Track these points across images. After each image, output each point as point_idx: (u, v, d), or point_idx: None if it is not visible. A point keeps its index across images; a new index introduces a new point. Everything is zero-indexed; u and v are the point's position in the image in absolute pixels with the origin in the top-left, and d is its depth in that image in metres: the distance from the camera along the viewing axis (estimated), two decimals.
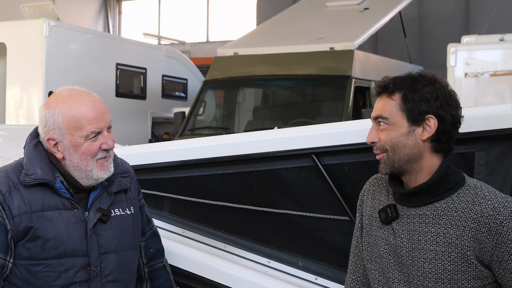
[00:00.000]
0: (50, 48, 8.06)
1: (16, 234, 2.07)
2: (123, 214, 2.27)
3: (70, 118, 2.11)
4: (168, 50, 11.05)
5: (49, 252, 2.09)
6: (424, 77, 1.99)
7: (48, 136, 2.14)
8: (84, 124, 2.12)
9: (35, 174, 2.10)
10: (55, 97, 2.18)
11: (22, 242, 2.08)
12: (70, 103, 2.13)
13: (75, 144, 2.12)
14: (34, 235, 2.08)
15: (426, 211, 1.98)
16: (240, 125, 8.28)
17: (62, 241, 2.10)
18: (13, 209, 2.07)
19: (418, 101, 1.94)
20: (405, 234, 1.99)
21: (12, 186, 2.10)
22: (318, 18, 9.29)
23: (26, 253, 2.09)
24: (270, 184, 2.75)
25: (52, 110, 2.13)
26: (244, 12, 18.46)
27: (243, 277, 2.68)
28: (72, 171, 2.15)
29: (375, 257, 2.09)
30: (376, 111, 2.01)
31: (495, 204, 1.90)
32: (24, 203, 2.08)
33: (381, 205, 2.09)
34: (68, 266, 2.12)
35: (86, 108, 2.13)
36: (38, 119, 2.20)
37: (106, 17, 20.71)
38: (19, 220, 2.07)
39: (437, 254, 1.93)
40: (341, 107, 7.38)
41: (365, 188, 2.22)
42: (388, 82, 2.00)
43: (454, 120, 1.96)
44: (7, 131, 4.24)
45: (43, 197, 2.11)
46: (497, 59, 7.79)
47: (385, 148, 1.98)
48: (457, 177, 1.98)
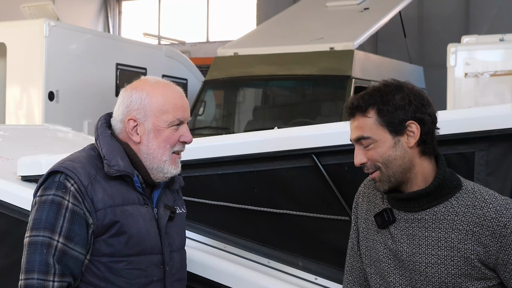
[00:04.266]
0: (50, 48, 8.05)
1: (99, 229, 1.99)
2: (181, 212, 2.27)
3: (159, 100, 2.07)
4: (168, 50, 11.05)
5: (132, 248, 2.02)
6: (389, 86, 1.97)
7: (130, 116, 2.07)
8: (171, 109, 2.07)
9: (118, 165, 2.02)
10: (141, 82, 2.13)
11: (104, 238, 2.00)
12: (159, 88, 2.10)
13: (158, 128, 2.07)
14: (119, 230, 2.00)
15: (424, 216, 1.96)
16: (240, 125, 8.28)
17: (143, 238, 2.04)
18: (97, 202, 1.98)
19: (393, 111, 1.92)
20: (404, 239, 1.98)
21: (93, 178, 2.00)
22: (318, 18, 9.29)
23: (108, 249, 2.00)
24: (270, 184, 2.75)
25: (140, 91, 2.08)
26: (244, 12, 18.45)
27: (243, 277, 2.68)
28: (145, 159, 2.08)
29: (374, 261, 2.08)
30: (355, 132, 1.98)
31: (497, 207, 1.89)
32: (108, 196, 2.00)
33: (377, 208, 2.08)
34: (147, 264, 2.07)
35: (175, 95, 2.11)
36: (118, 102, 2.11)
37: (106, 17, 20.70)
38: (104, 213, 1.98)
39: (440, 259, 1.92)
40: (341, 107, 7.36)
41: (359, 190, 2.21)
42: (358, 101, 1.97)
43: (432, 118, 1.96)
44: (7, 131, 4.24)
45: (122, 191, 2.04)
46: (497, 59, 7.78)
47: (377, 165, 1.96)
48: (453, 180, 1.98)
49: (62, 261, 1.94)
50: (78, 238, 1.96)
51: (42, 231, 1.94)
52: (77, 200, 1.97)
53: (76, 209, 1.97)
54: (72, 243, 1.95)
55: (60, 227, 1.94)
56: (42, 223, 1.95)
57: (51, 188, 1.99)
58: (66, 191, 1.97)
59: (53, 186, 1.99)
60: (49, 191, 1.99)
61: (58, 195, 1.97)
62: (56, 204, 1.96)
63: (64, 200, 1.96)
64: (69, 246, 1.95)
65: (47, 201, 1.97)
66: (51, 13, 9.14)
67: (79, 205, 1.97)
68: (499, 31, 9.21)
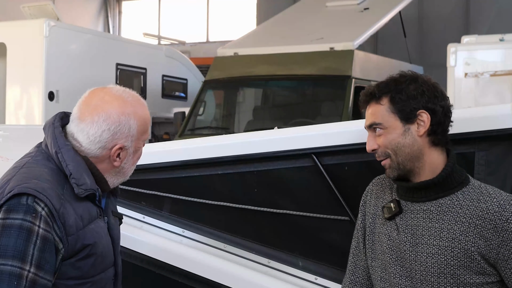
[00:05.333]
0: (50, 48, 8.06)
1: (69, 253, 1.84)
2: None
3: (141, 122, 1.96)
4: (168, 50, 11.06)
5: (96, 269, 1.92)
6: (405, 76, 2.04)
7: (120, 144, 1.92)
8: (148, 128, 2.00)
9: (86, 184, 1.88)
10: (120, 100, 1.94)
11: (72, 261, 1.85)
12: (139, 107, 1.97)
13: (137, 149, 1.99)
14: (88, 253, 1.88)
15: (430, 207, 1.99)
16: (240, 125, 8.28)
17: (105, 255, 1.95)
18: (69, 227, 1.81)
19: (406, 99, 1.98)
20: (408, 229, 2.01)
21: (62, 199, 1.83)
22: (318, 18, 9.28)
23: (74, 272, 1.86)
24: (270, 184, 2.75)
25: (127, 116, 1.92)
26: (244, 12, 18.46)
27: (243, 277, 2.68)
28: (111, 176, 1.98)
29: (378, 254, 2.10)
30: (369, 119, 2.06)
31: (500, 202, 1.92)
32: (78, 218, 1.85)
33: (385, 201, 2.11)
34: (106, 280, 1.98)
35: (147, 110, 2.01)
36: (96, 125, 1.91)
37: (106, 17, 20.71)
38: (76, 238, 1.83)
39: (440, 249, 1.95)
40: (341, 107, 7.38)
41: (368, 189, 2.23)
42: (373, 89, 2.05)
43: (444, 110, 2.00)
44: (7, 131, 4.24)
45: (87, 208, 1.90)
46: (497, 59, 7.78)
47: (387, 152, 2.02)
48: (462, 176, 2.02)
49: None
50: (48, 266, 1.78)
51: (10, 259, 1.72)
52: (48, 225, 1.78)
53: (48, 236, 1.78)
54: (43, 271, 1.77)
55: (31, 255, 1.74)
56: (10, 250, 1.73)
57: (17, 212, 1.76)
58: (36, 215, 1.76)
59: (21, 209, 1.76)
60: (15, 214, 1.76)
61: (28, 220, 1.75)
62: (26, 230, 1.75)
63: (34, 226, 1.76)
64: (39, 275, 1.76)
65: (13, 225, 1.75)
66: (51, 13, 9.14)
67: (50, 231, 1.79)
68: (499, 31, 9.21)
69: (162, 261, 2.83)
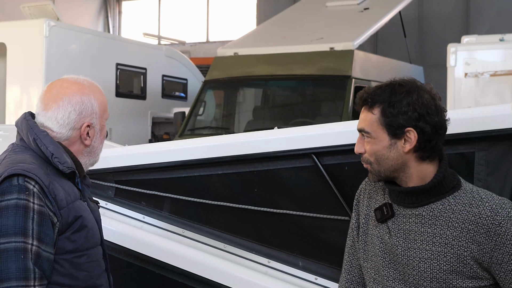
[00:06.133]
0: (50, 48, 8.06)
1: (63, 227, 1.95)
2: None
3: (100, 101, 2.14)
4: (168, 50, 11.05)
5: (90, 241, 2.04)
6: (403, 86, 1.97)
7: (87, 122, 2.09)
8: (106, 107, 2.18)
9: (67, 163, 2.01)
10: (77, 85, 2.13)
11: (67, 235, 1.96)
12: (95, 88, 2.16)
13: (102, 127, 2.15)
14: (81, 225, 1.99)
15: (422, 212, 1.99)
16: (240, 125, 8.27)
17: (94, 231, 2.08)
18: (60, 200, 1.94)
19: (395, 115, 1.94)
20: (401, 234, 2.00)
21: (50, 177, 1.96)
22: (318, 18, 9.28)
23: (71, 245, 1.97)
24: (270, 184, 2.75)
25: (88, 96, 2.11)
26: (244, 12, 18.46)
27: (243, 277, 2.68)
28: (83, 156, 2.12)
29: (370, 255, 2.10)
30: (360, 123, 2.04)
31: (492, 206, 1.91)
32: (66, 193, 1.98)
33: (378, 204, 2.11)
34: (99, 255, 2.12)
35: (102, 91, 2.19)
36: (63, 110, 2.07)
37: (106, 17, 20.71)
38: (68, 211, 1.96)
39: (433, 254, 1.94)
40: (341, 107, 7.38)
41: (361, 188, 2.23)
42: (368, 95, 2.01)
43: (435, 128, 1.96)
44: (7, 131, 4.24)
45: (71, 187, 2.03)
46: (497, 59, 7.78)
47: (370, 160, 2.02)
48: (453, 180, 2.00)
49: (39, 264, 1.86)
50: (48, 239, 1.90)
51: (12, 237, 1.83)
52: (41, 201, 1.90)
53: (43, 210, 1.90)
54: (44, 244, 1.88)
55: (31, 230, 1.86)
56: (11, 228, 1.84)
57: (11, 193, 1.88)
58: (29, 193, 1.88)
59: (14, 190, 1.88)
60: (9, 195, 1.88)
61: (22, 198, 1.87)
62: (22, 208, 1.86)
63: (29, 203, 1.87)
64: (41, 248, 1.87)
65: (9, 206, 1.86)
66: (51, 13, 9.14)
67: (44, 206, 1.90)
68: (499, 31, 9.21)
69: (162, 261, 2.83)
